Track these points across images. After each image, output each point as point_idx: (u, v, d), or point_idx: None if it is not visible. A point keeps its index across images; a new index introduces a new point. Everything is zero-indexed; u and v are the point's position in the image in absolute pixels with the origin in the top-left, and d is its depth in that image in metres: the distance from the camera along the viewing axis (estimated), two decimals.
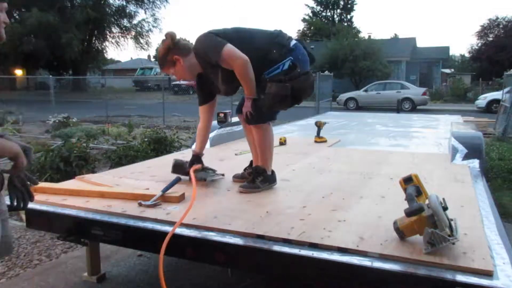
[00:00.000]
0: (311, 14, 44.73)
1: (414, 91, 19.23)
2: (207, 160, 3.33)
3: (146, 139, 5.91)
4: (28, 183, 1.49)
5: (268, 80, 2.19)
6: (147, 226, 1.85)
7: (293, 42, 2.41)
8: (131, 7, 34.19)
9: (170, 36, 2.34)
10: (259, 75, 2.23)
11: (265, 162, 2.46)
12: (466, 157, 3.09)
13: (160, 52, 2.40)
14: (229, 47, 2.21)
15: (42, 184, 2.47)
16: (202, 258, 1.83)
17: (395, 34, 42.89)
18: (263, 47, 2.33)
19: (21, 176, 1.47)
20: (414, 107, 18.49)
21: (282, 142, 4.08)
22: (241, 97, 2.45)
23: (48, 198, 2.21)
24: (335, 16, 43.82)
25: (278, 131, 5.22)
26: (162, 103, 13.46)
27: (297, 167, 3.06)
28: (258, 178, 2.41)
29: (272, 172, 2.50)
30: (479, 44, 33.05)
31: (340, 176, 2.77)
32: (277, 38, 2.38)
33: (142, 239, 1.92)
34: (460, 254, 1.47)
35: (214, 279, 2.66)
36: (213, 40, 2.27)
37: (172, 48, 2.34)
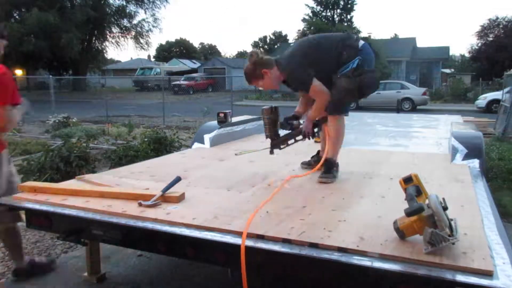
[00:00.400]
0: (311, 14, 44.66)
1: (414, 91, 19.22)
2: (207, 160, 3.34)
3: (146, 139, 5.91)
4: None
5: (339, 77, 2.56)
6: (147, 226, 1.85)
7: (361, 43, 2.68)
8: (131, 7, 34.24)
9: (256, 53, 2.69)
10: (332, 75, 2.59)
11: (336, 153, 2.77)
12: (466, 157, 3.10)
13: (248, 67, 2.72)
14: (316, 84, 2.61)
15: (42, 184, 2.47)
16: (202, 258, 1.83)
17: (395, 34, 42.92)
18: (335, 52, 2.62)
19: None
20: (414, 107, 18.49)
21: None
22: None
23: (48, 198, 2.21)
24: (335, 16, 43.76)
25: (279, 131, 5.22)
26: (162, 103, 13.45)
27: (297, 167, 3.06)
28: (333, 168, 2.71)
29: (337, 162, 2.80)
30: (479, 44, 33.06)
31: (340, 176, 2.77)
32: (347, 41, 2.66)
33: (142, 239, 1.92)
34: (460, 254, 1.47)
35: (214, 279, 2.67)
36: (302, 74, 2.64)
37: (260, 63, 2.67)
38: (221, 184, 2.54)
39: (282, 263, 1.62)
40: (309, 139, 2.88)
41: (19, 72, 31.61)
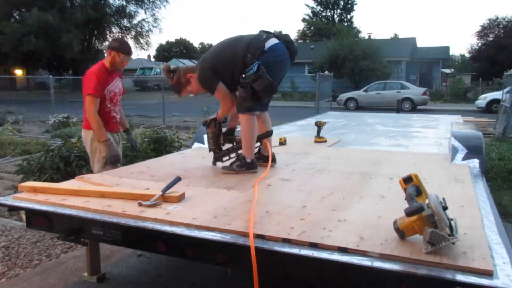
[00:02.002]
0: (311, 14, 44.72)
1: (414, 91, 19.22)
2: (207, 160, 3.34)
3: (146, 139, 5.91)
4: None
5: (239, 85, 2.66)
6: (147, 226, 1.85)
7: (271, 43, 2.69)
8: (131, 7, 34.19)
9: (168, 66, 2.86)
10: (238, 77, 2.66)
11: (247, 149, 2.83)
12: (466, 157, 3.09)
13: (173, 80, 2.84)
14: (220, 89, 2.76)
15: (42, 184, 2.47)
16: (202, 258, 1.83)
17: (395, 34, 42.96)
18: (240, 55, 2.68)
19: None
20: (414, 107, 18.48)
21: (282, 142, 4.08)
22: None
23: (48, 198, 2.21)
24: (335, 16, 43.81)
25: (278, 131, 5.22)
26: (162, 103, 13.45)
27: (297, 167, 3.06)
28: (236, 162, 2.83)
29: (252, 160, 2.84)
30: (479, 44, 33.04)
31: (340, 176, 2.77)
32: (253, 42, 2.69)
33: (142, 239, 1.92)
34: (460, 254, 1.47)
35: (214, 279, 2.67)
36: (208, 78, 2.77)
37: (182, 71, 2.82)
38: (221, 184, 2.53)
39: (282, 263, 1.62)
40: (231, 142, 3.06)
41: (19, 72, 31.63)
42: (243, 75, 2.62)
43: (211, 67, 2.75)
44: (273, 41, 2.71)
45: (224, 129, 3.13)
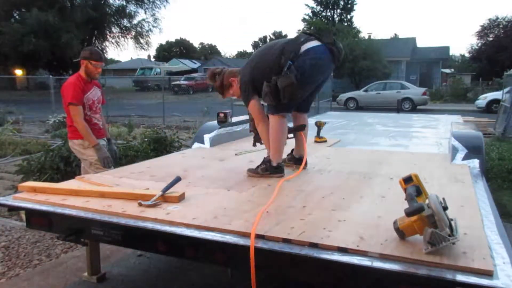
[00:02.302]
0: (311, 14, 44.65)
1: (414, 91, 19.22)
2: (207, 160, 3.34)
3: (146, 139, 5.91)
4: None
5: (266, 79, 2.60)
6: (147, 226, 1.85)
7: (308, 46, 2.61)
8: (131, 7, 34.18)
9: (213, 69, 2.95)
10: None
11: (274, 153, 2.75)
12: (466, 157, 3.09)
13: (217, 82, 2.91)
14: (253, 104, 2.77)
15: (42, 184, 2.47)
16: (202, 258, 1.83)
17: (395, 34, 42.93)
18: (274, 60, 2.62)
19: None
20: (414, 107, 18.48)
21: None
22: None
23: (48, 198, 2.21)
24: (335, 16, 43.76)
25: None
26: (162, 103, 13.45)
27: (297, 167, 3.05)
28: (261, 165, 2.76)
29: (278, 164, 2.75)
30: (479, 44, 33.07)
31: (340, 176, 2.77)
32: (289, 44, 2.64)
33: (142, 239, 1.92)
34: (460, 254, 1.47)
35: (214, 279, 2.67)
36: (244, 91, 2.78)
37: (226, 74, 2.87)
38: (221, 184, 2.53)
39: (282, 263, 1.62)
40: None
41: (19, 72, 31.62)
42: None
43: (250, 80, 2.74)
44: (312, 43, 2.63)
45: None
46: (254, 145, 3.15)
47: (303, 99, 2.80)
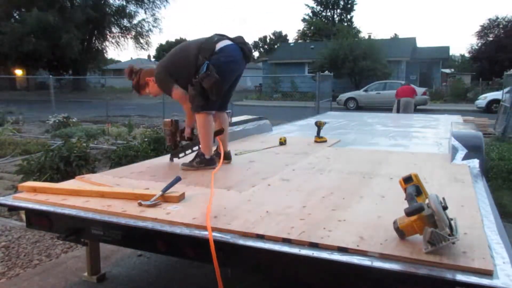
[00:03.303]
0: (311, 14, 44.72)
1: None
2: None
3: (146, 139, 5.92)
4: None
5: (190, 83, 2.81)
6: (147, 226, 1.85)
7: (222, 44, 2.83)
8: (131, 7, 34.23)
9: (131, 67, 3.07)
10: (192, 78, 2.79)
11: (205, 147, 2.97)
12: (466, 157, 3.09)
13: (134, 81, 3.04)
14: (176, 92, 2.92)
15: (42, 184, 2.47)
16: (202, 258, 1.83)
17: (395, 34, 42.98)
18: (192, 58, 2.82)
19: None
20: (414, 107, 18.46)
21: (282, 142, 4.08)
22: None
23: (48, 198, 2.21)
24: (335, 16, 43.81)
25: (278, 131, 5.23)
26: (162, 103, 13.44)
27: (297, 167, 3.06)
28: (195, 159, 2.98)
29: (211, 157, 3.00)
30: (479, 44, 33.03)
31: (340, 176, 2.77)
32: (205, 43, 2.85)
33: (142, 239, 1.92)
34: (460, 254, 1.47)
35: (214, 279, 2.66)
36: (165, 81, 2.94)
37: (142, 74, 3.02)
38: (221, 184, 2.53)
39: (282, 263, 1.62)
40: (190, 140, 3.23)
41: (19, 72, 31.63)
42: (196, 76, 2.75)
43: (165, 71, 2.92)
44: (225, 42, 2.85)
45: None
46: (172, 160, 3.26)
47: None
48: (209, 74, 2.67)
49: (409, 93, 11.92)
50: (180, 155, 3.23)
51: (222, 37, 2.91)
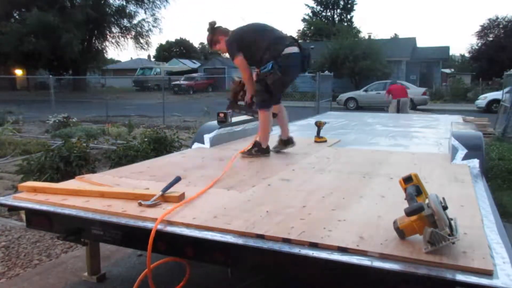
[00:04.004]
0: (311, 14, 44.73)
1: (414, 91, 19.18)
2: (207, 160, 3.34)
3: (146, 139, 5.91)
4: None
5: (256, 79, 3.25)
6: (147, 226, 1.85)
7: (290, 50, 3.10)
8: (131, 7, 34.20)
9: (213, 22, 3.40)
10: (255, 61, 3.23)
11: (263, 138, 3.41)
12: (466, 157, 3.09)
13: (209, 34, 3.41)
14: (238, 59, 3.25)
15: (42, 184, 2.47)
16: (202, 258, 1.83)
17: (395, 34, 42.97)
18: (262, 49, 3.15)
19: None
20: (414, 107, 18.46)
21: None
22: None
23: (48, 198, 2.21)
24: (335, 16, 43.81)
25: (279, 131, 5.21)
26: (162, 103, 13.45)
27: (297, 167, 3.06)
28: (253, 148, 3.39)
29: (267, 146, 3.44)
30: (479, 44, 33.03)
31: (340, 176, 2.77)
32: (277, 43, 3.14)
33: (142, 239, 1.92)
34: (460, 254, 1.47)
35: (214, 279, 2.67)
36: (232, 48, 3.29)
37: (217, 30, 3.39)
38: (221, 184, 2.53)
39: (282, 263, 1.62)
40: (250, 107, 3.57)
41: (19, 72, 31.63)
42: (259, 71, 3.16)
43: (235, 42, 3.25)
44: (294, 49, 3.14)
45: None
46: (227, 109, 3.83)
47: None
48: (272, 72, 3.05)
49: (405, 93, 11.95)
50: (235, 110, 3.72)
51: (293, 42, 3.21)
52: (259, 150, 3.38)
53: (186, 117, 14.34)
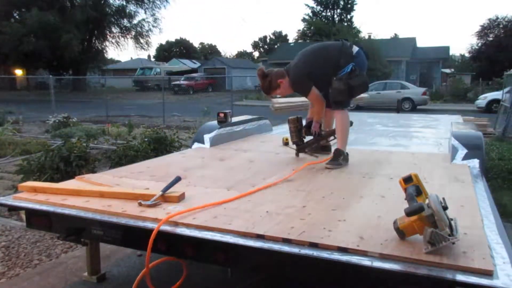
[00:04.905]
0: (311, 14, 44.68)
1: (414, 91, 19.21)
2: (207, 160, 3.34)
3: (146, 139, 5.90)
4: None
5: (334, 79, 3.03)
6: (147, 226, 1.85)
7: (356, 49, 3.12)
8: (131, 7, 34.23)
9: (262, 69, 3.25)
10: (332, 78, 3.04)
11: (343, 143, 3.17)
12: (466, 157, 3.09)
13: (265, 83, 3.22)
14: (313, 93, 3.17)
15: (42, 184, 2.47)
16: (202, 258, 1.83)
17: (395, 34, 42.95)
18: (335, 59, 3.08)
19: None
20: (414, 107, 18.47)
21: (286, 142, 4.07)
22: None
23: (48, 198, 2.21)
24: (335, 16, 43.78)
25: (279, 131, 5.22)
26: (162, 103, 13.45)
27: (297, 166, 3.05)
28: (340, 157, 3.08)
29: (347, 153, 3.17)
30: (479, 44, 32.99)
31: (340, 176, 2.77)
32: (343, 49, 3.11)
33: (142, 239, 1.92)
34: (460, 254, 1.47)
35: (214, 279, 2.67)
36: (303, 84, 3.18)
37: (274, 75, 3.20)
38: (221, 184, 2.53)
39: (282, 263, 1.62)
40: (318, 136, 3.39)
41: (19, 72, 31.63)
42: (338, 75, 3.01)
43: (306, 74, 3.14)
44: (356, 48, 3.15)
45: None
46: (297, 155, 3.46)
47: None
48: (358, 74, 2.98)
49: None
50: (306, 150, 3.42)
51: (351, 42, 3.20)
52: (344, 158, 3.13)
53: (186, 117, 14.35)
